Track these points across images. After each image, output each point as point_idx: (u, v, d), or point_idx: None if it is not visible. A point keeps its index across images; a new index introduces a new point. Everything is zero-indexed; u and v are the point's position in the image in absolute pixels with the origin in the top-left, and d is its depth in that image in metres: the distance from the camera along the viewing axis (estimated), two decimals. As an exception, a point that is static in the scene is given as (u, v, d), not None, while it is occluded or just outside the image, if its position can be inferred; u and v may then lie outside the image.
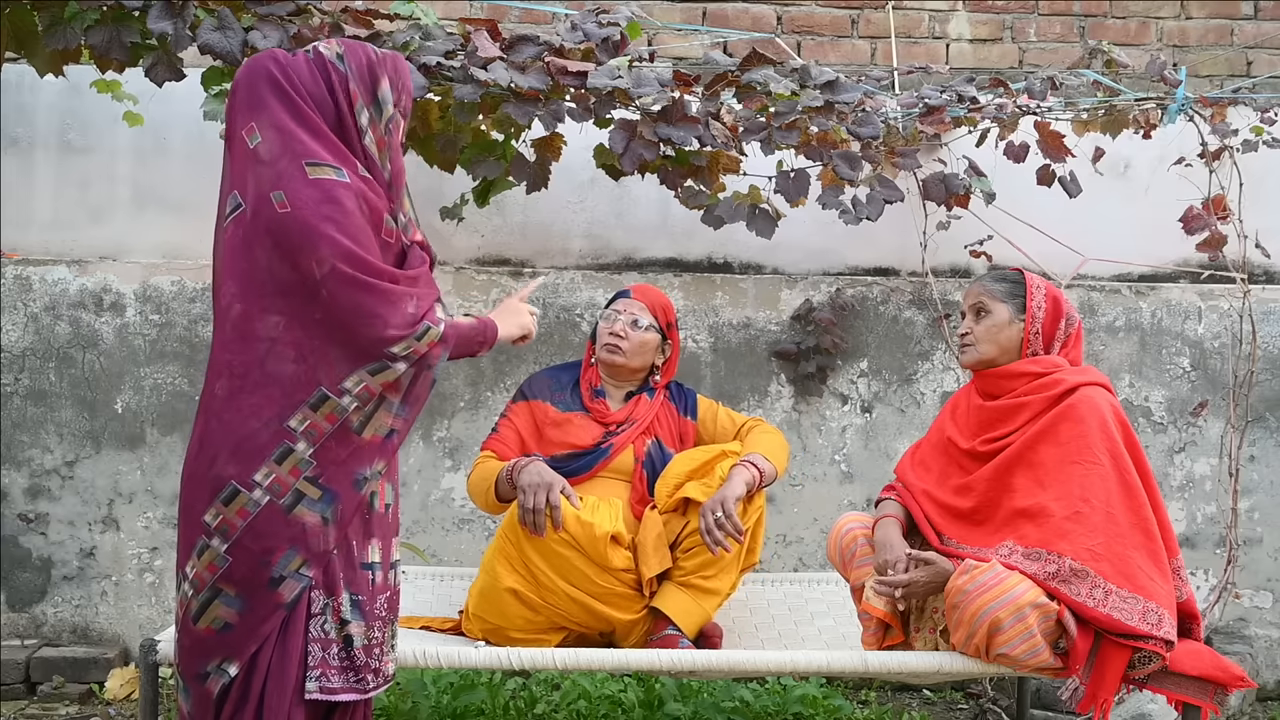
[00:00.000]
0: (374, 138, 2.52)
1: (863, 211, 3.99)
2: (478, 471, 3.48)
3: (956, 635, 2.99)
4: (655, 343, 3.61)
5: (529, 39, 3.77)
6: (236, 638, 2.44)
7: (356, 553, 2.51)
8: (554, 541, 3.22)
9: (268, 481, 2.41)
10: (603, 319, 3.63)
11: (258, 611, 2.43)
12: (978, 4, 4.97)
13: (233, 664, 2.44)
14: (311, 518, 2.43)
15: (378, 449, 2.49)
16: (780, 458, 3.48)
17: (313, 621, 2.47)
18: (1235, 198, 4.20)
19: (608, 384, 3.62)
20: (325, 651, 2.48)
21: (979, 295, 3.22)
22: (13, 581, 4.39)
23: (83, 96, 4.31)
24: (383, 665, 2.55)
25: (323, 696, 2.48)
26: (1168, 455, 4.50)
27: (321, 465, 2.43)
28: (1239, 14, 5.00)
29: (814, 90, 3.90)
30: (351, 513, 2.47)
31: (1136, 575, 2.93)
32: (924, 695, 4.35)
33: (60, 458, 4.39)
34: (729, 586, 3.39)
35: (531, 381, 3.66)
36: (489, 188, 4.08)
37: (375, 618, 2.52)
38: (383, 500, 2.56)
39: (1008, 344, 3.18)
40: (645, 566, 3.29)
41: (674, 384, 3.70)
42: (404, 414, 2.51)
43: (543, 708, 3.97)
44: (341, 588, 2.49)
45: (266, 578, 2.42)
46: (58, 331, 4.40)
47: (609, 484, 3.48)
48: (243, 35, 3.56)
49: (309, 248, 2.39)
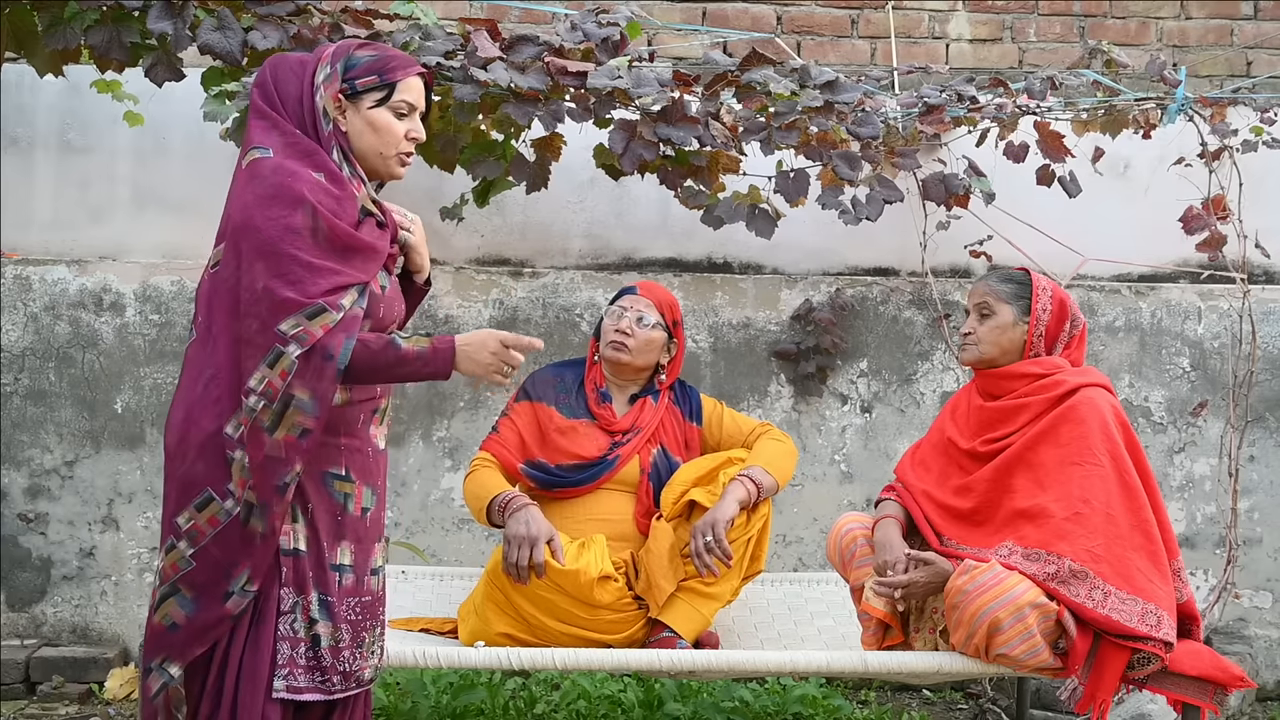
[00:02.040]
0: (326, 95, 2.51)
1: (862, 211, 3.99)
2: (474, 480, 3.43)
3: (956, 635, 2.99)
4: (661, 341, 3.54)
5: (529, 39, 3.77)
6: (180, 639, 2.45)
7: (326, 553, 2.50)
8: (540, 588, 3.19)
9: (238, 492, 2.42)
10: (607, 315, 3.57)
11: (204, 618, 2.44)
12: (978, 4, 4.97)
13: (173, 665, 2.45)
14: (257, 528, 2.44)
15: (294, 448, 2.41)
16: (784, 467, 3.44)
17: (282, 619, 2.47)
18: (1235, 198, 4.20)
19: (612, 384, 3.57)
20: (294, 650, 2.48)
21: (984, 295, 3.20)
22: (12, 581, 4.39)
23: (83, 96, 4.31)
24: (354, 669, 2.53)
25: (289, 696, 2.47)
26: (1167, 455, 4.50)
27: (252, 470, 2.41)
28: (1239, 14, 5.00)
29: (814, 90, 3.90)
30: (279, 521, 2.43)
31: (1136, 577, 2.93)
32: (924, 695, 4.35)
33: (60, 458, 4.39)
34: (730, 593, 3.38)
35: (535, 380, 3.60)
36: (489, 188, 4.08)
37: (343, 620, 2.51)
38: (358, 504, 2.54)
39: (1010, 345, 3.18)
40: (657, 590, 3.26)
41: (678, 383, 3.65)
42: (315, 412, 2.40)
43: (542, 708, 3.97)
44: (311, 587, 2.48)
45: (223, 590, 2.43)
46: (57, 331, 4.40)
47: (613, 497, 3.44)
48: (243, 35, 3.56)
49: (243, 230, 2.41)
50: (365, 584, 2.57)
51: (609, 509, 3.43)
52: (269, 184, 2.41)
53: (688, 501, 3.35)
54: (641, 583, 3.31)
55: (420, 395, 4.41)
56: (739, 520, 3.31)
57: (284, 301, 2.37)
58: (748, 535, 3.34)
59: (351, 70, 2.53)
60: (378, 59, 2.55)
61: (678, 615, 3.30)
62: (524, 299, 4.46)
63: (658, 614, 3.29)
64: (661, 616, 3.29)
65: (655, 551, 3.30)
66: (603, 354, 3.55)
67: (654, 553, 3.30)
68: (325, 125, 2.50)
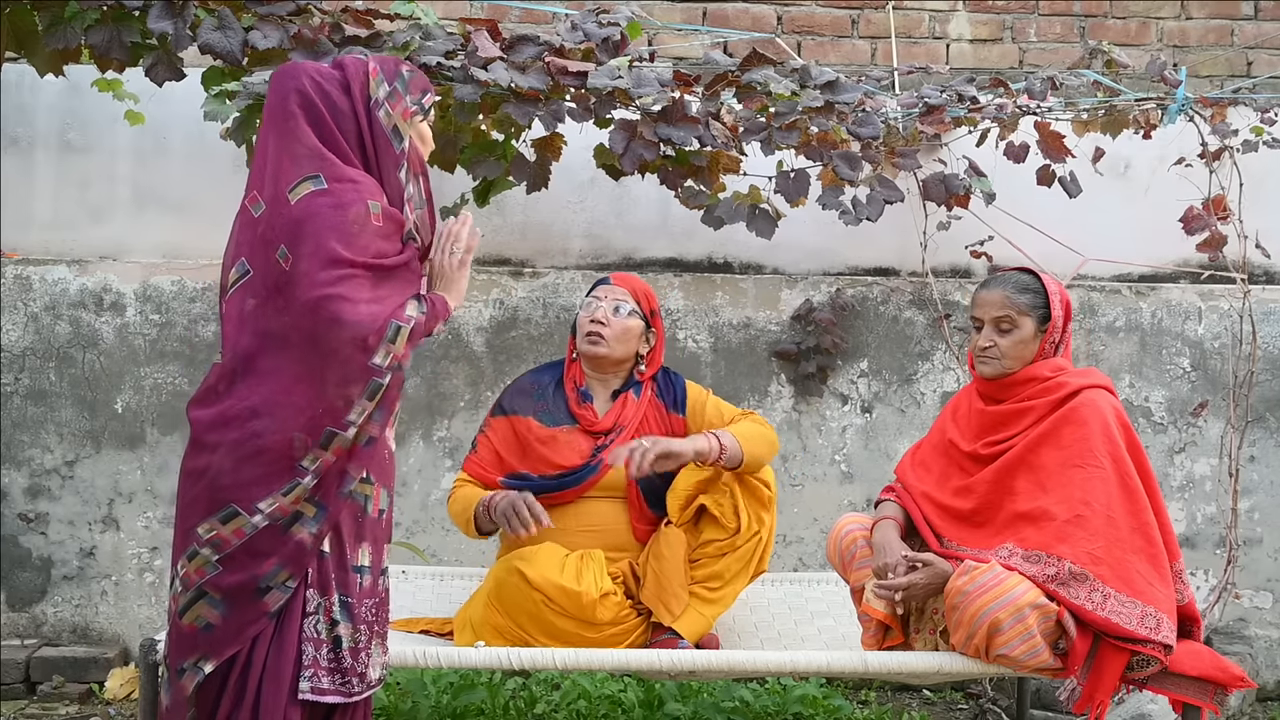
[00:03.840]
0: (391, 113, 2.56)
1: (863, 212, 3.99)
2: (456, 500, 3.44)
3: (956, 636, 2.99)
4: (638, 330, 3.46)
5: (529, 39, 3.77)
6: (217, 638, 2.46)
7: (348, 554, 2.51)
8: (542, 611, 3.16)
9: (270, 509, 2.43)
10: (582, 308, 3.49)
11: (241, 616, 2.45)
12: (978, 4, 4.98)
13: (209, 662, 2.45)
14: (303, 534, 2.45)
15: (360, 456, 2.50)
16: (756, 448, 3.31)
17: (307, 621, 2.48)
18: (1235, 198, 4.20)
19: (592, 380, 3.49)
20: (317, 651, 2.49)
21: (1004, 309, 3.11)
22: (13, 581, 4.39)
23: (83, 96, 4.31)
24: (367, 670, 2.54)
25: (314, 697, 2.48)
26: (1168, 455, 4.50)
27: (319, 486, 2.45)
28: (1239, 14, 5.00)
29: (814, 90, 3.90)
30: (335, 521, 2.48)
31: (1136, 579, 2.93)
32: (924, 695, 4.35)
33: (60, 457, 4.39)
34: (733, 598, 3.38)
35: (511, 394, 3.52)
36: (489, 188, 4.08)
37: (362, 620, 2.53)
38: (376, 505, 2.56)
39: (1030, 356, 3.15)
40: (674, 600, 3.24)
41: (663, 372, 3.56)
42: (380, 419, 2.51)
43: (543, 708, 3.97)
44: (334, 588, 2.50)
45: (254, 587, 2.44)
46: (58, 331, 4.40)
47: (603, 506, 3.39)
48: (243, 35, 3.56)
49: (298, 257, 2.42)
50: (379, 585, 2.59)
51: (601, 519, 3.39)
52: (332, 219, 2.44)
53: (698, 507, 3.34)
54: (649, 591, 3.28)
55: (420, 395, 4.41)
56: (746, 526, 3.30)
57: (364, 344, 2.42)
58: (755, 540, 3.33)
59: (410, 88, 2.59)
60: (418, 75, 2.63)
61: (682, 619, 3.28)
62: (524, 299, 4.46)
63: (671, 623, 3.26)
64: (668, 623, 3.29)
65: (670, 559, 3.28)
66: (580, 349, 3.47)
67: (668, 560, 3.28)
68: (398, 144, 2.54)
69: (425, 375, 4.41)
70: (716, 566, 3.32)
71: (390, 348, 2.44)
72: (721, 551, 3.33)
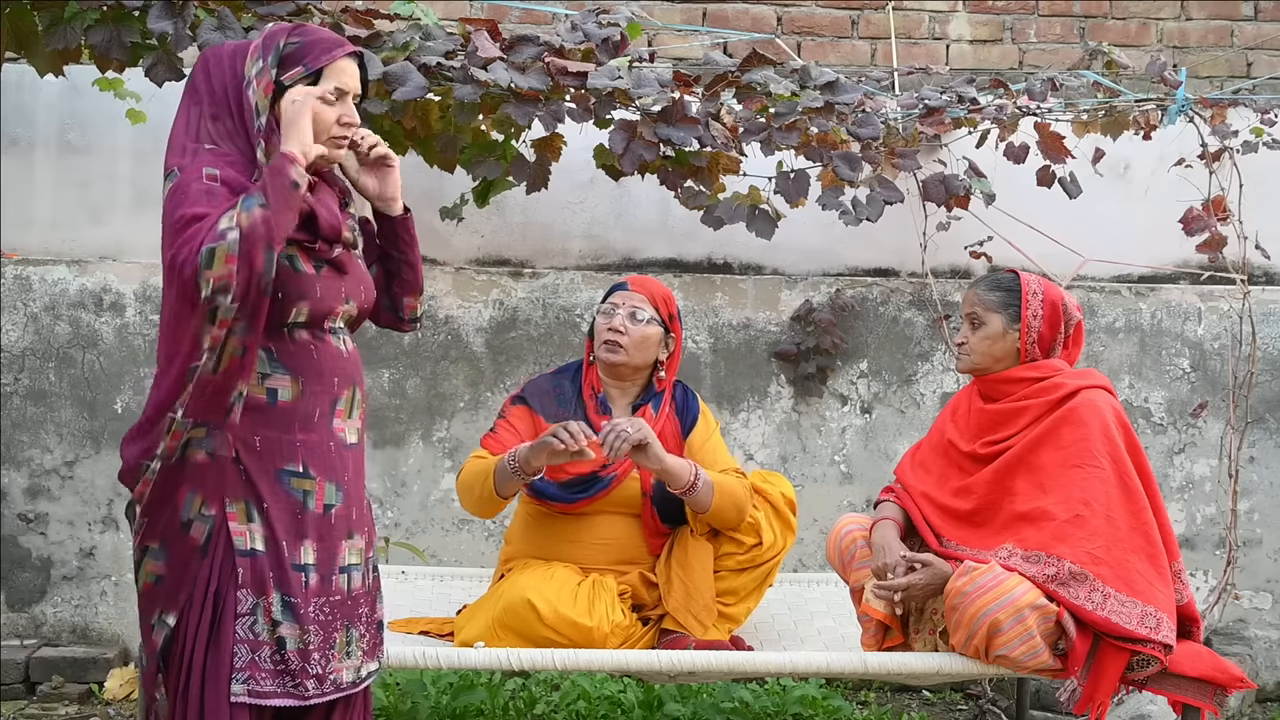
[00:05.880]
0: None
1: (863, 212, 3.99)
2: (470, 468, 3.32)
3: (956, 636, 2.99)
4: (658, 337, 3.37)
5: (529, 39, 3.78)
6: (167, 588, 2.45)
7: (286, 553, 2.44)
8: (548, 640, 3.11)
9: (161, 451, 2.42)
10: (600, 314, 3.40)
11: (177, 557, 2.44)
12: (978, 5, 4.98)
13: (170, 614, 2.44)
14: (199, 455, 2.43)
15: (237, 371, 2.40)
16: (724, 504, 3.25)
17: (239, 622, 2.42)
18: (1235, 199, 4.20)
19: (610, 388, 3.42)
20: (255, 653, 2.42)
21: (973, 305, 3.19)
22: (12, 581, 4.39)
23: (83, 96, 4.31)
24: (327, 672, 2.46)
25: (251, 700, 2.41)
26: (1167, 456, 4.50)
27: (198, 409, 2.40)
28: (1239, 15, 5.00)
29: (814, 91, 3.90)
30: (234, 439, 2.43)
31: (1135, 579, 2.93)
32: (923, 696, 4.35)
33: (60, 458, 4.39)
34: (745, 615, 3.39)
35: (532, 392, 3.45)
36: (489, 188, 4.08)
37: (311, 620, 2.45)
38: (320, 500, 2.48)
39: (1003, 353, 3.17)
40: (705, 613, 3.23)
41: (682, 389, 3.49)
42: (250, 332, 2.39)
43: (542, 708, 3.97)
44: (272, 587, 2.43)
45: (178, 523, 2.43)
46: (58, 331, 4.40)
47: (616, 521, 3.36)
48: (243, 35, 3.56)
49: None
50: (333, 583, 2.49)
51: (613, 533, 3.36)
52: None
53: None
54: (676, 602, 3.25)
55: (420, 396, 4.41)
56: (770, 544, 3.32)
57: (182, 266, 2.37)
58: (776, 559, 3.35)
59: (282, 61, 2.47)
60: (301, 46, 2.48)
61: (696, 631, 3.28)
62: (524, 299, 4.46)
63: (703, 636, 3.24)
64: (680, 628, 3.27)
65: (699, 570, 3.27)
66: (597, 356, 3.39)
67: (697, 571, 3.27)
68: (258, 122, 2.44)
69: (425, 376, 4.41)
70: (735, 583, 3.32)
71: (208, 274, 2.30)
72: (741, 567, 3.33)
